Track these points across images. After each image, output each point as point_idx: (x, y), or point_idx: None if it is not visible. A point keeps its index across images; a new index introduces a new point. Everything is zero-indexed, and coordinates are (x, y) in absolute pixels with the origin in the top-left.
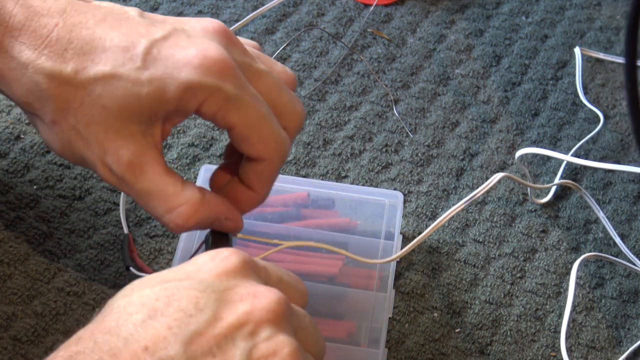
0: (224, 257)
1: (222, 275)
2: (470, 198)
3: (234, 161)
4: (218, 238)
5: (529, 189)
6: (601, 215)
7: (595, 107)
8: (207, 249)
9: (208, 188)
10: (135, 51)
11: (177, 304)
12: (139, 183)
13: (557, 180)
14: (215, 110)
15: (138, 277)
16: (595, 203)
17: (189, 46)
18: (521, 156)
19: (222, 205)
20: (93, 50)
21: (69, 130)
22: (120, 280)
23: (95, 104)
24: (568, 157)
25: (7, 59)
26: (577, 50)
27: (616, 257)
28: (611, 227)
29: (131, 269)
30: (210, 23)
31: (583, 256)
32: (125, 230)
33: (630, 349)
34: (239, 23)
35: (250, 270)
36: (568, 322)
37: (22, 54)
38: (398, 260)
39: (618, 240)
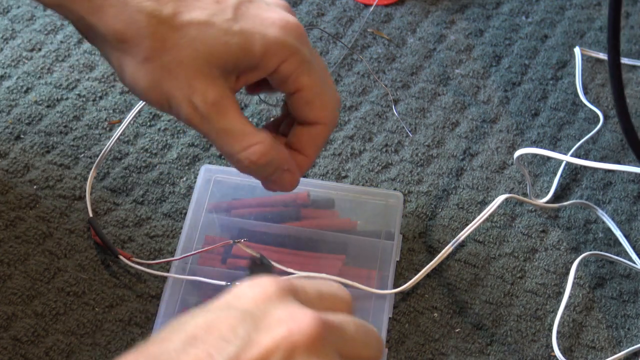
0: (262, 284)
1: (260, 302)
2: (475, 222)
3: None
4: (258, 268)
5: (528, 188)
6: (600, 212)
7: (595, 107)
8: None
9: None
10: (227, 4)
11: (216, 331)
12: (221, 121)
13: (556, 181)
14: (291, 70)
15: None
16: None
17: (271, 11)
18: (520, 156)
19: (287, 154)
20: (185, 3)
21: (160, 68)
22: (120, 280)
23: (188, 46)
24: (567, 158)
25: None
26: (577, 50)
27: (616, 256)
28: (613, 224)
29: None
30: (281, 1)
31: (583, 255)
32: (90, 214)
33: (631, 349)
34: None
35: (289, 294)
36: (560, 321)
37: None
38: (398, 260)
39: (620, 233)
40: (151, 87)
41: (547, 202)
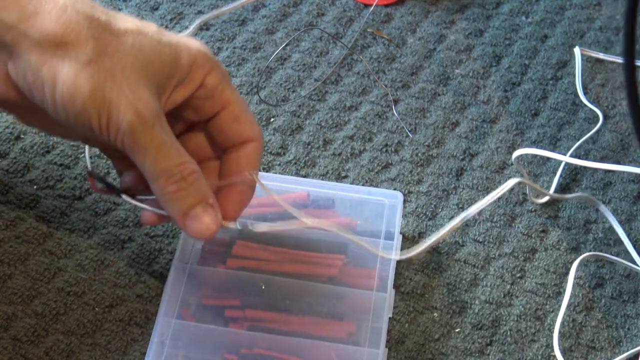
0: None
1: None
2: (486, 201)
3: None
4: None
5: (527, 188)
6: (602, 207)
7: (595, 106)
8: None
9: None
10: (150, 26)
11: None
12: (162, 134)
13: (556, 181)
14: (216, 83)
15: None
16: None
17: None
18: (518, 157)
19: (210, 189)
20: (115, 14)
21: (104, 71)
22: (120, 280)
23: (128, 53)
24: (566, 158)
25: (42, 1)
26: (576, 50)
27: (616, 256)
28: (615, 220)
29: (123, 196)
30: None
31: (583, 255)
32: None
33: (631, 351)
34: (218, 11)
35: None
36: (562, 322)
37: None
38: (398, 260)
39: (621, 231)
40: (93, 92)
41: (547, 202)
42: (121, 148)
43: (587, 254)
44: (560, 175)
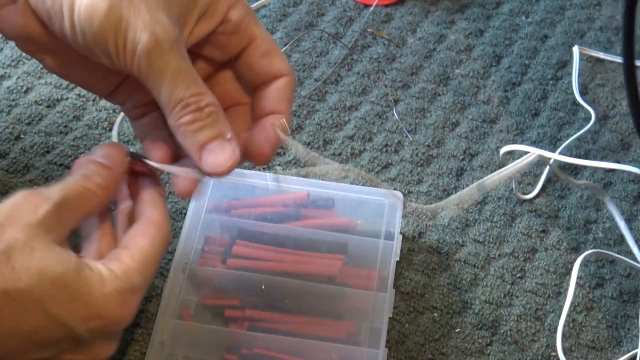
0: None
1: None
2: (503, 170)
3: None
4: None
5: (513, 185)
6: (608, 200)
7: (589, 105)
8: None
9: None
10: None
11: None
12: (180, 61)
13: (543, 178)
14: (241, 16)
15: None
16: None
17: None
18: (505, 153)
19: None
20: None
21: None
22: None
23: None
24: (555, 155)
25: None
26: (575, 49)
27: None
28: (619, 213)
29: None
30: None
31: (586, 253)
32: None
33: (632, 352)
34: None
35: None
36: (566, 321)
37: None
38: (398, 260)
39: (623, 224)
40: (109, 11)
41: (532, 198)
42: (137, 75)
43: (590, 251)
44: (547, 174)
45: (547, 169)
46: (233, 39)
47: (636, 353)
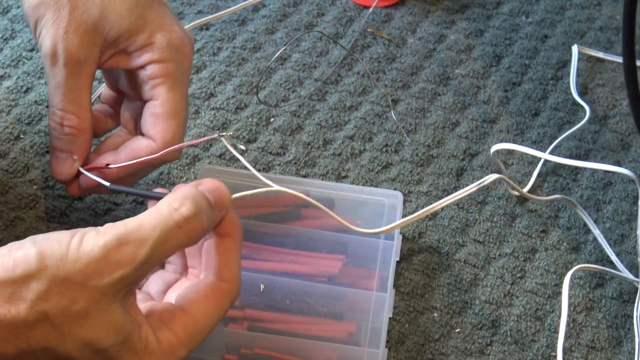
0: None
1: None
2: (460, 194)
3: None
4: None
5: (504, 182)
6: (580, 210)
7: (585, 103)
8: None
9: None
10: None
11: None
12: (73, 76)
13: (534, 176)
14: (156, 73)
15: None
16: (587, 216)
17: (176, 24)
18: (496, 151)
19: (88, 145)
20: None
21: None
22: None
23: (96, 8)
24: (545, 155)
25: None
26: (574, 49)
27: (617, 256)
28: (604, 240)
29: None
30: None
31: (574, 269)
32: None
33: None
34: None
35: None
36: (566, 321)
37: None
38: (398, 260)
39: (610, 251)
40: (37, 4)
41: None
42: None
43: (578, 266)
44: (539, 172)
45: (539, 166)
46: (143, 87)
47: (636, 352)
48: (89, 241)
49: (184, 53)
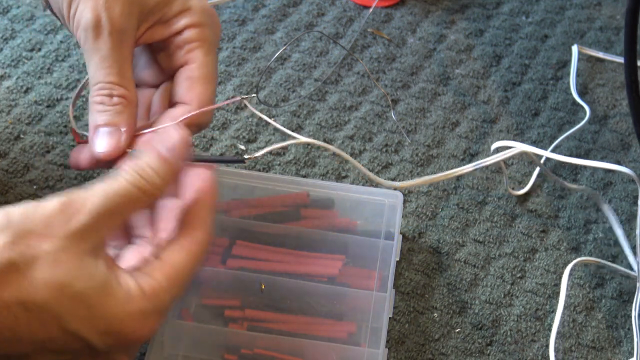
0: None
1: None
2: (482, 163)
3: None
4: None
5: (505, 181)
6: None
7: (585, 103)
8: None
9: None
10: None
11: None
12: (117, 48)
13: (535, 175)
14: (192, 38)
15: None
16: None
17: None
18: (496, 149)
19: (134, 122)
20: None
21: None
22: None
23: None
24: (546, 153)
25: None
26: (574, 48)
27: (616, 257)
28: (615, 218)
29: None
30: None
31: (574, 261)
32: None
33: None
34: None
35: None
36: (562, 322)
37: None
38: (398, 260)
39: (621, 232)
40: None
41: (524, 194)
42: (81, 44)
43: (579, 258)
44: (540, 171)
45: (537, 169)
46: (177, 53)
47: (636, 352)
48: (49, 199)
49: (216, 21)
